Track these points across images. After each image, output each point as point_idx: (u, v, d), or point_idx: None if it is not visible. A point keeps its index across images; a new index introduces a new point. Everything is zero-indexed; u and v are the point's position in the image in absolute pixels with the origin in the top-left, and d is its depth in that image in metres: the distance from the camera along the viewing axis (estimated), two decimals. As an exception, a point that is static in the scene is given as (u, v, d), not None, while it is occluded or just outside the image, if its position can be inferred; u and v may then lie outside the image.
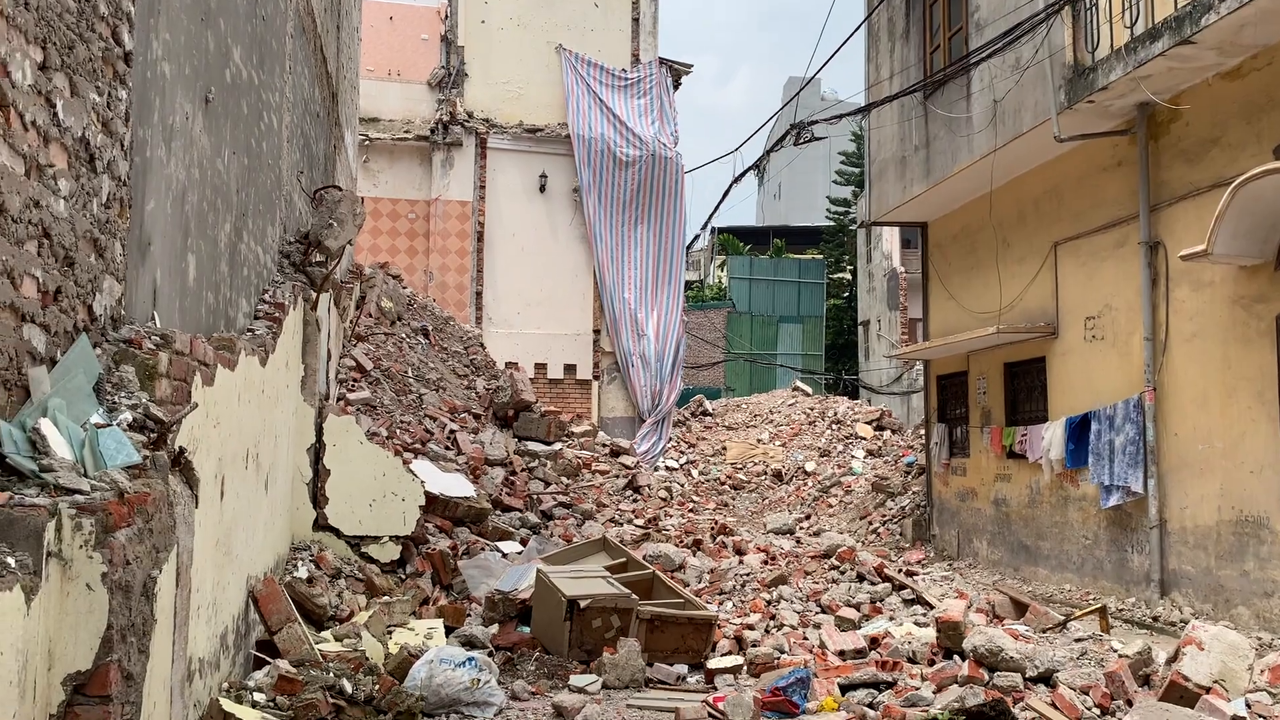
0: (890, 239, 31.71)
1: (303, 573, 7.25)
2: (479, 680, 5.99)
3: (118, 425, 3.31)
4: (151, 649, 3.15)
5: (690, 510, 15.63)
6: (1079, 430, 11.17)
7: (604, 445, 16.93)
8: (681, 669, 7.37)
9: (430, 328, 15.81)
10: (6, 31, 2.76)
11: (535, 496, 12.29)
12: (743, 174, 17.25)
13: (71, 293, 3.31)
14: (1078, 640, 7.58)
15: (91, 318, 3.51)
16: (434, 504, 9.70)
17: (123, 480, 3.03)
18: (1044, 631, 7.96)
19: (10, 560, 2.54)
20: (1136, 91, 9.66)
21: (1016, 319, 12.46)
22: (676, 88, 21.55)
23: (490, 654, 7.17)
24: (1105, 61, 9.70)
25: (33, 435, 2.93)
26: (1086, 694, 6.16)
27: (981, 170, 12.36)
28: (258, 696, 4.97)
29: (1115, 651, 7.16)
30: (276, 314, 6.69)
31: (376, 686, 5.35)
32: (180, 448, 3.74)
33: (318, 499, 8.25)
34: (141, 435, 3.43)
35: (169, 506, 3.37)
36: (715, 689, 6.97)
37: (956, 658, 7.09)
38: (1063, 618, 8.28)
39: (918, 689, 6.49)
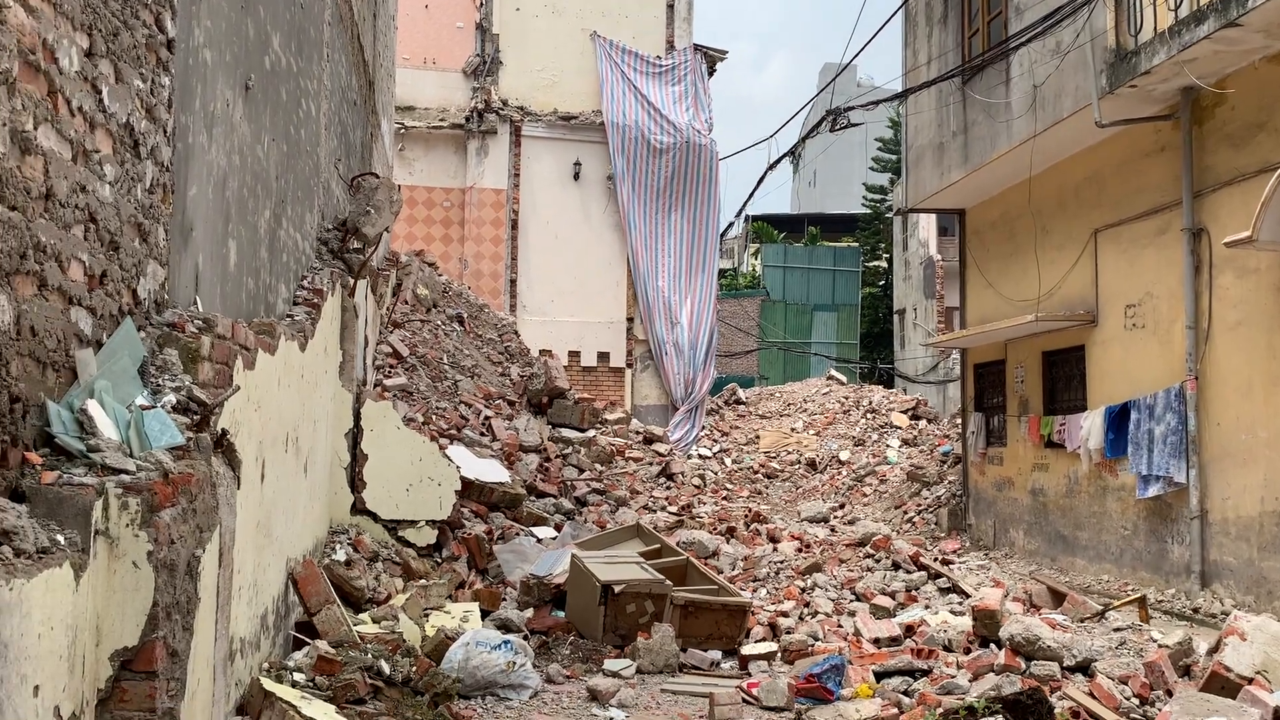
0: (927, 226, 31.43)
1: (341, 556, 7.33)
2: (514, 663, 6.04)
3: (162, 407, 3.36)
4: (195, 627, 3.20)
5: (724, 498, 15.63)
6: (1118, 419, 11.04)
7: (637, 432, 16.96)
8: (715, 655, 7.39)
9: (465, 315, 15.89)
10: (54, 18, 2.81)
11: (569, 483, 12.34)
12: (777, 161, 17.17)
13: (116, 276, 3.36)
14: (1116, 630, 7.51)
15: (136, 301, 3.57)
16: (469, 489, 9.77)
17: (167, 461, 3.08)
18: (1082, 621, 7.89)
19: (60, 538, 2.60)
20: (1180, 75, 9.50)
21: (1055, 307, 12.32)
22: (711, 74, 21.46)
23: (525, 637, 7.22)
24: (1148, 45, 9.54)
25: (80, 416, 2.98)
26: (1125, 684, 6.10)
27: (1020, 156, 12.21)
28: (297, 676, 5.05)
29: (1155, 642, 7.09)
30: (315, 300, 6.75)
31: (414, 668, 5.41)
32: (222, 430, 3.79)
33: (355, 483, 8.34)
34: (185, 417, 3.48)
35: (212, 487, 3.42)
36: (749, 675, 6.99)
37: (993, 646, 7.05)
38: (1101, 607, 8.20)
39: (953, 677, 6.46)
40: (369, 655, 5.36)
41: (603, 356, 20.81)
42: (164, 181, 3.77)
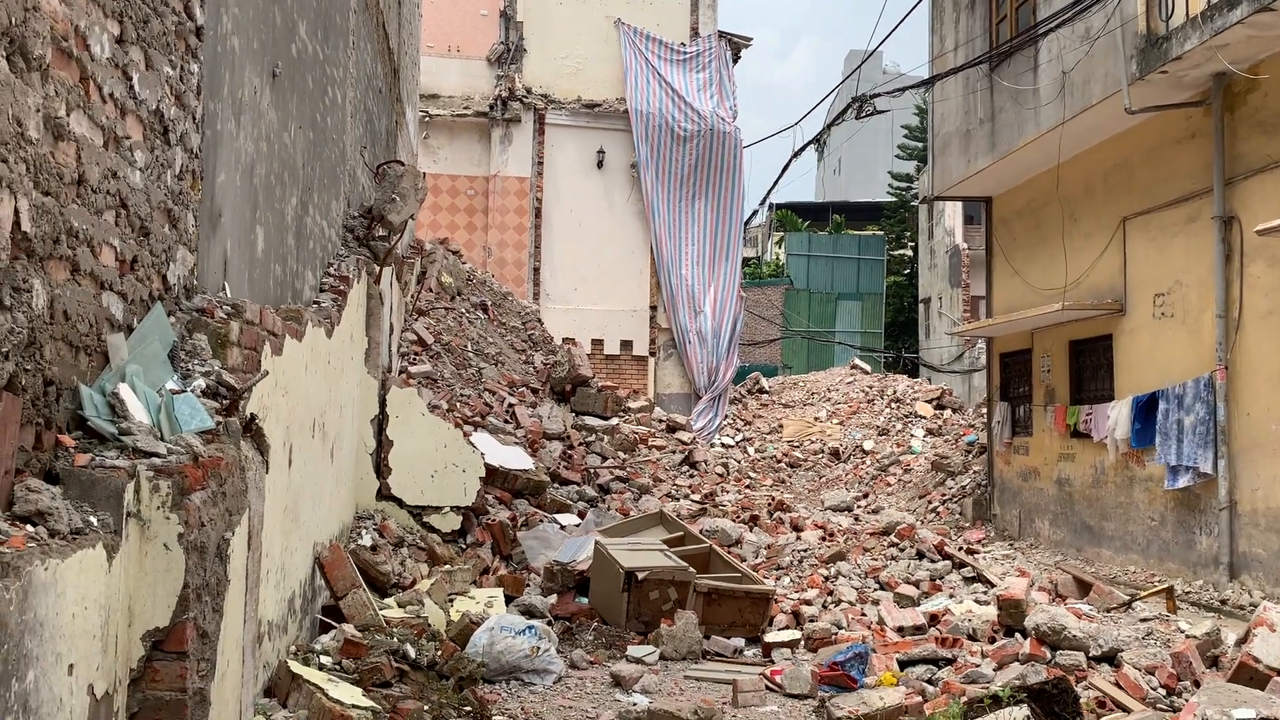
0: (953, 215, 31.20)
1: (366, 541, 7.39)
2: (539, 648, 6.07)
3: (192, 391, 3.39)
4: (225, 609, 3.24)
5: (747, 487, 15.62)
6: (1146, 410, 10.94)
7: (660, 421, 16.97)
8: (738, 642, 7.40)
9: (489, 303, 15.94)
10: (86, 5, 2.83)
11: (592, 470, 12.36)
12: (802, 148, 17.09)
13: (147, 262, 3.39)
14: (1143, 620, 7.46)
15: (166, 287, 3.60)
16: (493, 476, 9.81)
17: (197, 444, 3.11)
18: (1108, 611, 7.84)
19: (93, 519, 2.63)
20: (1213, 61, 9.38)
21: (1083, 296, 12.21)
22: (736, 61, 21.36)
23: (549, 623, 7.25)
24: (1180, 30, 9.42)
25: (112, 399, 3.02)
26: (1152, 674, 6.06)
27: (1048, 143, 12.09)
28: (324, 659, 5.10)
29: (1182, 632, 7.04)
30: (341, 287, 6.79)
31: (439, 652, 5.45)
32: (251, 415, 3.82)
33: (381, 469, 8.39)
34: (214, 401, 3.52)
35: (241, 471, 3.45)
36: (772, 662, 6.99)
37: (1018, 636, 7.02)
38: (1127, 598, 8.15)
39: (978, 666, 6.44)
40: (395, 639, 5.40)
41: (626, 345, 20.82)
42: (193, 168, 3.80)
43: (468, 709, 5.19)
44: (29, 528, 2.40)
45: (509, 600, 7.62)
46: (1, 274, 2.38)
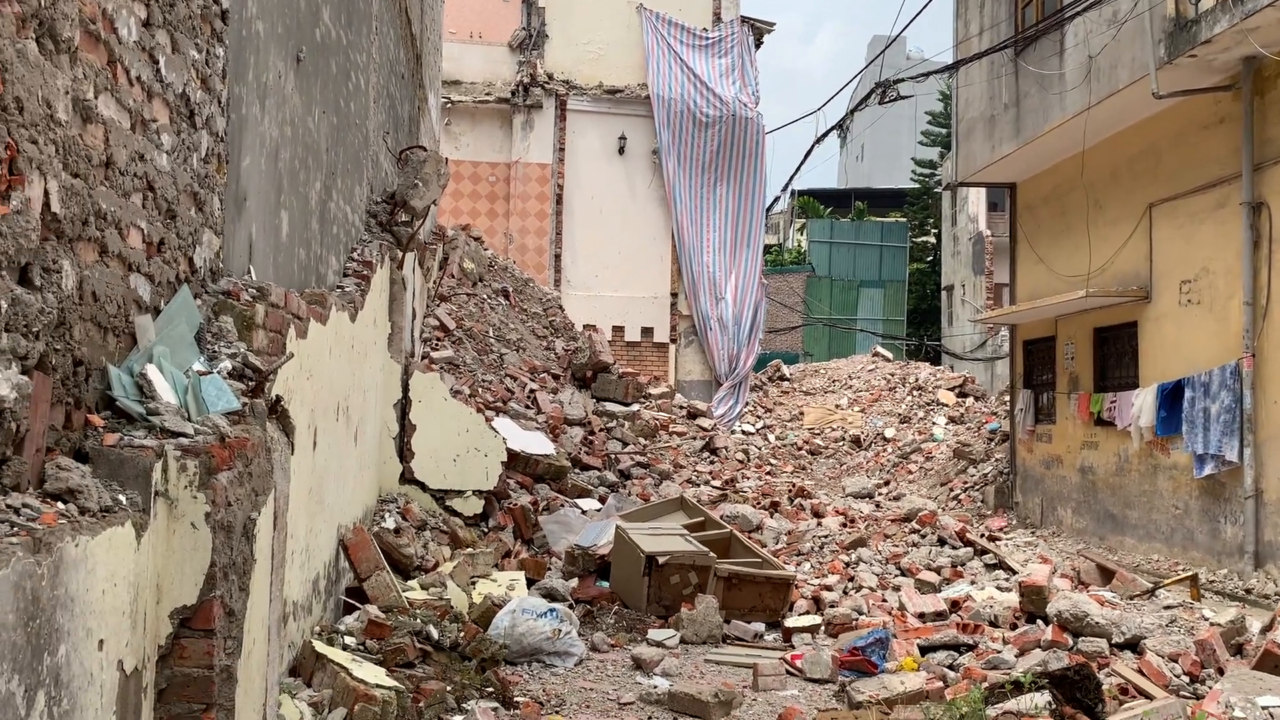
0: (976, 201, 30.97)
1: (390, 524, 7.44)
2: (560, 631, 6.10)
3: (218, 373, 3.43)
4: (251, 588, 3.28)
5: (767, 473, 15.61)
6: (1171, 397, 10.86)
7: (681, 407, 16.98)
8: (759, 627, 7.42)
9: (510, 289, 15.97)
10: (113, -12, 2.85)
11: (613, 456, 12.39)
12: (825, 134, 17.01)
13: (174, 244, 3.42)
14: (1167, 608, 7.42)
15: (192, 269, 3.63)
16: (515, 461, 9.85)
17: (224, 425, 3.14)
18: (1131, 598, 7.80)
19: (121, 498, 2.67)
20: (1243, 44, 9.26)
21: (1108, 282, 12.11)
22: (758, 46, 21.26)
23: (570, 606, 7.29)
24: (1209, 13, 9.30)
25: (139, 380, 3.05)
26: (1175, 661, 6.03)
27: (1074, 129, 11.98)
28: (348, 640, 5.14)
29: (1206, 620, 7.00)
30: (365, 272, 6.83)
31: (461, 633, 5.49)
32: (276, 397, 3.86)
33: (404, 453, 8.44)
34: (240, 383, 3.55)
35: (267, 452, 3.49)
36: (793, 647, 7.01)
37: (1040, 622, 7.00)
38: (1151, 585, 8.11)
39: (999, 652, 6.43)
40: (418, 620, 5.44)
41: (646, 331, 20.82)
42: (219, 151, 3.82)
43: (490, 690, 5.23)
44: (60, 505, 2.43)
45: (530, 583, 7.66)
46: (32, 254, 2.41)
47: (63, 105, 2.54)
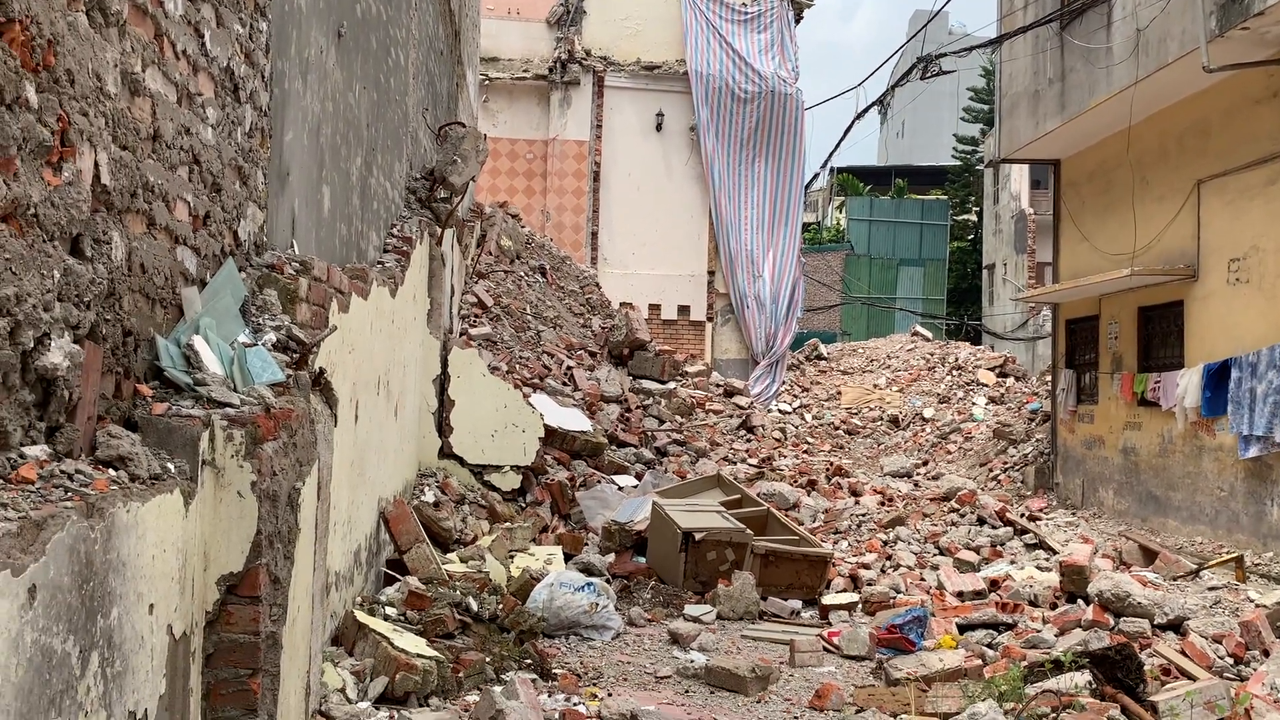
0: (1019, 179, 30.54)
1: (429, 497, 7.52)
2: (597, 605, 6.14)
3: (263, 344, 3.47)
4: (295, 556, 3.33)
5: (804, 452, 15.57)
6: (1217, 378, 10.67)
7: (717, 385, 16.95)
8: (795, 604, 7.42)
9: (547, 266, 16.00)
10: (159, -38, 2.87)
11: (650, 433, 12.41)
12: (865, 110, 16.83)
13: (219, 218, 3.46)
14: (1211, 589, 7.34)
15: (236, 242, 3.67)
16: (552, 437, 9.90)
17: (269, 396, 3.19)
18: (1174, 579, 7.71)
19: (170, 466, 2.72)
20: (1297, 15, 9.02)
21: (1153, 261, 11.91)
22: (798, 21, 21.05)
23: (607, 581, 7.34)
24: (1263, -17, 9.06)
25: (186, 351, 3.10)
26: (1219, 643, 5.96)
27: (1120, 104, 11.75)
28: (389, 610, 5.21)
29: (1252, 601, 6.91)
30: (404, 248, 6.87)
31: (500, 606, 5.54)
32: (320, 369, 3.90)
33: (443, 428, 8.51)
34: (284, 355, 3.59)
35: (310, 423, 3.53)
36: (829, 624, 7.00)
37: (1080, 602, 6.95)
38: (1195, 566, 8.01)
39: (1039, 631, 6.39)
40: (457, 592, 5.50)
41: (683, 309, 20.78)
42: (262, 126, 3.85)
43: (528, 661, 5.28)
44: (110, 472, 2.48)
45: (567, 558, 7.71)
46: (83, 225, 2.45)
47: (111, 78, 2.57)
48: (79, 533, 2.04)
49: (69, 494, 2.17)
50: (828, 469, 12.88)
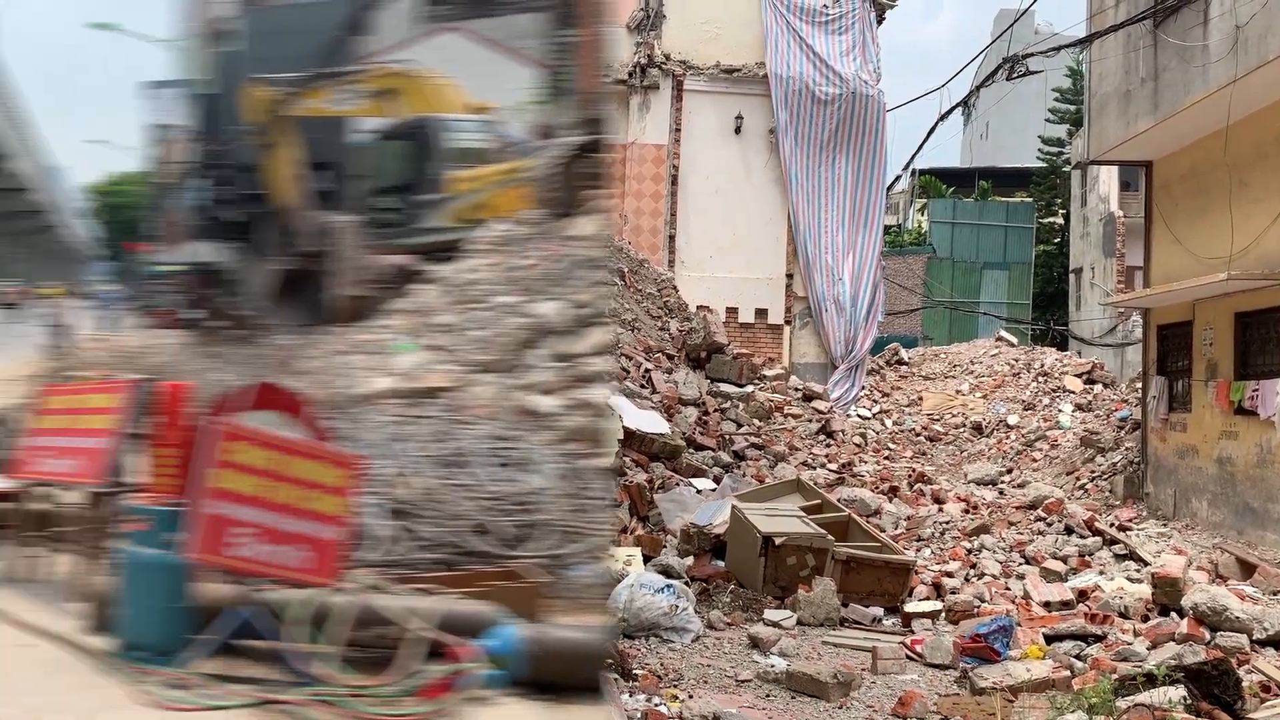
0: (1108, 181, 29.75)
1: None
2: (677, 607, 6.17)
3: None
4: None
5: (885, 458, 15.39)
6: (1321, 385, 10.28)
7: (796, 389, 16.84)
8: (877, 611, 7.35)
9: (625, 270, 16.07)
10: None
11: (727, 437, 12.38)
12: (948, 112, 16.62)
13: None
14: (1313, 606, 7.07)
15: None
16: (630, 439, 9.94)
17: None
18: (1274, 594, 7.45)
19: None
20: None
21: (1252, 265, 11.52)
22: (880, 23, 20.83)
23: (686, 583, 7.35)
24: (1372, -25, 8.72)
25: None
26: (1322, 661, 5.74)
27: (1217, 103, 11.40)
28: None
29: (1357, 619, 6.63)
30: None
31: (581, 605, 5.57)
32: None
33: (523, 428, 8.59)
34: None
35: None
36: (912, 632, 6.93)
37: (1174, 615, 6.75)
38: (1295, 582, 7.73)
39: (1130, 644, 6.23)
40: (540, 589, 5.54)
41: (761, 313, 20.67)
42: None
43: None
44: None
45: (646, 560, 7.73)
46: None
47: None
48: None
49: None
50: (910, 475, 12.71)
